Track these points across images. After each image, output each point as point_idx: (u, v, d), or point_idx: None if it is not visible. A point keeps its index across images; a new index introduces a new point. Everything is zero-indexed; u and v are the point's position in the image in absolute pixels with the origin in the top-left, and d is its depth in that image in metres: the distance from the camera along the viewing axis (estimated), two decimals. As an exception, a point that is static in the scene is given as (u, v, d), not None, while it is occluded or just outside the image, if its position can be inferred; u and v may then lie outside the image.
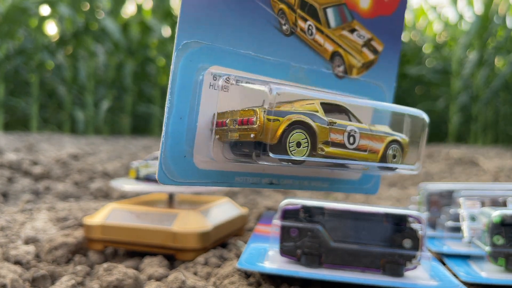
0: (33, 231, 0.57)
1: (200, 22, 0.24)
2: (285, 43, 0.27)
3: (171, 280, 0.36)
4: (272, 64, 0.27)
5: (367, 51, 0.30)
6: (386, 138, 0.27)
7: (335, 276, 0.36)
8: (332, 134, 0.26)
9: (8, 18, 2.84)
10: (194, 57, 0.24)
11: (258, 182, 0.28)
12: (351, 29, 0.29)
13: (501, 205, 0.50)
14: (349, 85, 0.29)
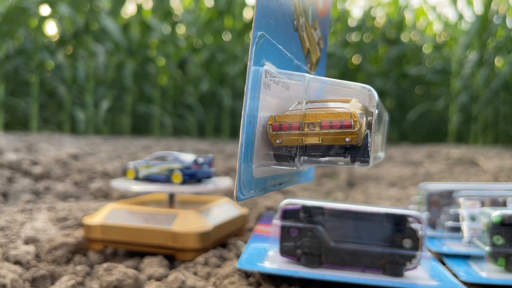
0: (33, 231, 0.57)
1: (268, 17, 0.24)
2: (294, 38, 0.29)
3: (171, 280, 0.36)
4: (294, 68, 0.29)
5: (318, 49, 0.31)
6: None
7: (335, 276, 0.36)
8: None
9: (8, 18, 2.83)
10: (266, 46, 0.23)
11: (282, 182, 0.29)
12: (314, 28, 0.30)
13: (501, 205, 0.50)
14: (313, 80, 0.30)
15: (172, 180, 0.51)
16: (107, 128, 3.32)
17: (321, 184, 1.11)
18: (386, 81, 3.54)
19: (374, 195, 0.95)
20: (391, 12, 3.73)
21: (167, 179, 0.51)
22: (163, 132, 3.48)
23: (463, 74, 3.26)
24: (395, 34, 3.59)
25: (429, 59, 3.67)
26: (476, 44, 3.23)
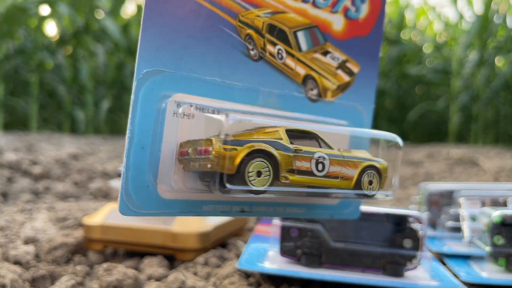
0: (33, 231, 0.56)
1: (161, 50, 0.23)
2: (253, 68, 0.27)
3: (171, 280, 0.36)
4: (241, 90, 0.26)
5: (342, 73, 0.29)
6: (360, 164, 0.27)
7: (335, 276, 0.36)
8: (298, 162, 0.25)
9: (8, 18, 2.83)
10: (156, 85, 0.23)
11: (228, 211, 0.26)
12: (324, 51, 0.29)
13: (502, 205, 0.50)
14: (324, 108, 0.29)
15: None
16: (107, 128, 3.32)
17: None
18: (386, 81, 3.54)
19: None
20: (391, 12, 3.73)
21: None
22: (163, 132, 3.47)
23: (463, 74, 3.26)
24: (395, 34, 3.59)
25: (430, 59, 3.67)
26: (476, 44, 3.23)
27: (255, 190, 0.23)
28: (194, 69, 0.24)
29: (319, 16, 0.29)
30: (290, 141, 0.25)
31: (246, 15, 0.26)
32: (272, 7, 0.27)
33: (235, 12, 0.26)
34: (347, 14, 0.29)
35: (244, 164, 0.23)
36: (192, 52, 0.24)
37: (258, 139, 0.24)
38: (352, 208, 0.31)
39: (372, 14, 0.29)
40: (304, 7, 0.28)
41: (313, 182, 0.25)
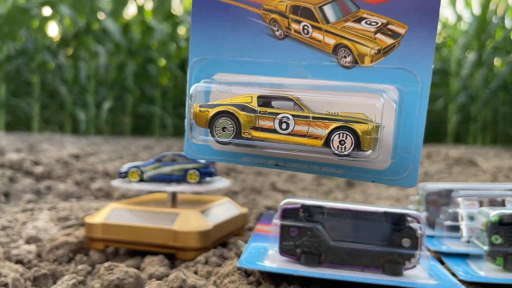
0: (35, 230, 0.57)
1: (205, 43, 0.30)
2: (280, 46, 0.30)
3: (172, 279, 0.37)
4: (270, 65, 0.30)
5: (382, 36, 0.28)
6: (331, 124, 0.28)
7: (334, 275, 0.37)
8: (261, 121, 0.29)
9: (9, 19, 2.84)
10: (203, 68, 0.31)
11: (264, 163, 0.31)
12: (357, 18, 0.29)
13: (500, 205, 0.50)
14: (361, 73, 0.29)
15: (188, 179, 0.51)
16: (108, 128, 3.32)
17: (320, 184, 1.12)
18: (386, 82, 3.54)
19: (373, 195, 0.96)
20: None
21: (181, 178, 0.51)
22: (164, 133, 3.48)
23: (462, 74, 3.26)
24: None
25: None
26: (474, 44, 3.23)
27: (220, 141, 0.30)
28: (229, 54, 0.30)
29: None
30: (259, 104, 0.29)
31: (269, 3, 0.29)
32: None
33: (259, 3, 0.30)
34: None
35: (212, 122, 0.30)
36: (227, 41, 0.30)
37: (229, 103, 0.30)
38: (406, 175, 0.30)
39: None
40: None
41: (277, 138, 0.29)
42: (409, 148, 0.29)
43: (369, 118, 0.28)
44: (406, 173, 0.30)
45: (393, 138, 0.28)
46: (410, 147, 0.29)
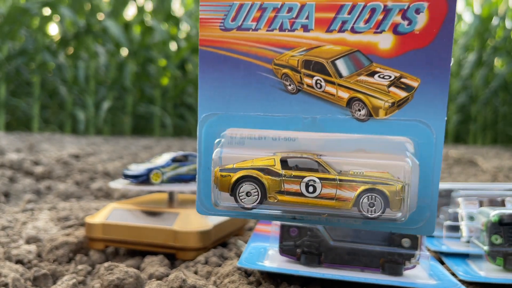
0: (35, 230, 0.57)
1: (214, 99, 0.30)
2: (293, 100, 0.30)
3: (172, 279, 0.37)
4: (282, 119, 0.30)
5: (396, 90, 0.29)
6: (359, 187, 0.28)
7: (334, 275, 0.37)
8: (287, 185, 0.29)
9: (10, 19, 2.84)
10: (213, 124, 0.31)
11: (281, 217, 0.31)
12: (371, 72, 0.29)
13: (500, 205, 0.50)
14: (376, 126, 0.29)
15: None
16: (108, 128, 3.32)
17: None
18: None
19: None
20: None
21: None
22: (164, 133, 3.48)
23: (462, 74, 3.27)
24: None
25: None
26: (475, 44, 3.23)
27: (245, 207, 0.29)
28: (240, 108, 0.30)
29: (361, 40, 0.29)
30: (283, 166, 0.29)
31: (280, 58, 0.29)
32: (305, 45, 0.29)
33: (270, 58, 0.30)
34: (396, 30, 0.28)
35: (236, 187, 0.29)
36: (237, 96, 0.30)
37: (251, 166, 0.29)
38: (424, 223, 0.29)
39: (433, 22, 0.27)
40: (342, 36, 0.29)
41: (304, 202, 0.29)
42: (426, 198, 0.29)
43: (395, 178, 0.28)
44: (423, 222, 0.30)
45: (417, 195, 0.28)
46: (427, 197, 0.29)
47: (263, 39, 0.29)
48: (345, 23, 0.28)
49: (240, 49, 0.30)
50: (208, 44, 0.30)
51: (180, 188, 0.51)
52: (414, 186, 0.28)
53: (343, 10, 0.28)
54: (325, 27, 0.29)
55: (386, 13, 0.28)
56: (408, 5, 0.27)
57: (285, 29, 0.29)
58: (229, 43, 0.30)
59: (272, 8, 0.29)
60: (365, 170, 0.28)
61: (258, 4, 0.29)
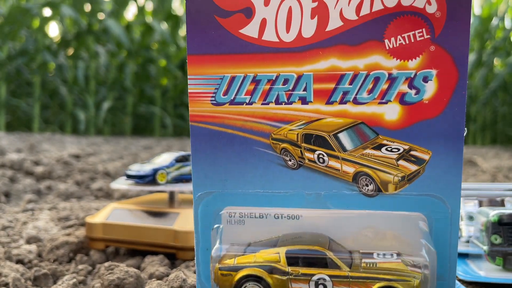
0: (35, 230, 0.57)
1: (209, 177, 0.28)
2: (294, 176, 0.28)
3: (172, 279, 0.37)
4: (284, 197, 0.28)
5: (405, 163, 0.27)
6: (373, 284, 0.25)
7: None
8: (294, 284, 0.26)
9: (10, 19, 2.84)
10: (209, 203, 0.29)
11: None
12: (377, 145, 0.27)
13: (499, 205, 0.50)
14: (386, 202, 0.27)
15: None
16: (108, 128, 3.33)
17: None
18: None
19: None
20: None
21: None
22: (164, 133, 3.49)
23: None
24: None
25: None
26: (474, 45, 3.23)
27: None
28: (237, 186, 0.28)
29: (365, 111, 0.27)
30: (289, 262, 0.26)
31: (278, 132, 0.28)
32: (304, 118, 0.27)
33: (267, 132, 0.28)
34: (403, 100, 0.26)
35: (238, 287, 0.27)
36: (234, 173, 0.28)
37: (254, 263, 0.26)
38: None
39: (443, 90, 0.25)
40: (343, 108, 0.27)
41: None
42: (444, 276, 0.27)
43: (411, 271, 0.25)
44: None
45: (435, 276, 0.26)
46: (445, 274, 0.27)
47: (259, 113, 0.28)
48: (347, 93, 0.27)
49: (234, 124, 0.28)
50: (200, 120, 0.28)
51: (180, 188, 0.51)
52: (432, 274, 0.26)
53: (343, 80, 0.26)
54: (325, 98, 0.27)
55: (391, 82, 0.26)
56: (415, 73, 0.25)
57: (281, 102, 0.27)
58: (222, 118, 0.28)
59: (267, 80, 0.27)
60: (378, 261, 0.26)
61: (252, 76, 0.27)
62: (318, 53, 0.26)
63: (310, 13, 0.26)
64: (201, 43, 0.27)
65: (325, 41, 0.26)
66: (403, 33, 0.25)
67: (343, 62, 0.26)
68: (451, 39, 0.25)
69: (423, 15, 0.25)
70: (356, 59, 0.26)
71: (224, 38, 0.27)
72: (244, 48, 0.27)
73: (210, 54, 0.28)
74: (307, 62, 0.27)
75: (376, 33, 0.25)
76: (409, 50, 0.25)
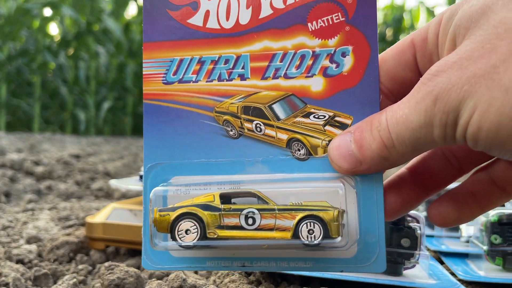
0: (35, 230, 0.57)
1: (159, 149, 0.31)
2: (235, 145, 0.31)
3: (172, 278, 0.37)
4: (227, 164, 0.31)
5: (331, 128, 0.30)
6: (297, 215, 0.28)
7: (334, 274, 0.37)
8: (226, 219, 0.29)
9: (11, 20, 2.85)
10: (158, 174, 0.31)
11: (230, 265, 0.31)
12: (306, 113, 0.31)
13: (499, 205, 0.50)
14: (316, 164, 0.30)
15: None
16: (108, 128, 3.33)
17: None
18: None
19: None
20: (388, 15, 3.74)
21: None
22: (164, 133, 3.49)
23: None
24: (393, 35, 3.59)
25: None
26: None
27: (184, 245, 0.29)
28: (185, 156, 0.31)
29: (294, 84, 0.31)
30: (222, 201, 0.29)
31: (220, 105, 0.31)
32: (243, 92, 0.31)
33: (211, 106, 0.31)
34: (326, 73, 0.30)
35: (174, 225, 0.29)
36: (181, 144, 0.31)
37: (191, 204, 0.29)
38: (374, 261, 0.29)
39: (359, 63, 0.29)
40: (276, 82, 0.31)
41: (244, 235, 0.29)
42: (372, 234, 0.29)
43: (332, 205, 0.29)
44: (374, 258, 0.29)
45: (357, 223, 0.29)
46: (374, 231, 0.29)
47: (204, 89, 0.31)
48: (278, 70, 0.31)
49: (182, 100, 0.32)
50: (152, 98, 0.32)
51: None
52: (352, 213, 0.29)
53: (275, 58, 0.31)
54: (260, 75, 0.31)
55: (315, 59, 0.30)
56: (334, 50, 0.30)
57: (223, 79, 0.31)
58: (171, 95, 0.32)
59: (210, 61, 0.31)
60: (303, 200, 0.29)
61: (197, 58, 0.31)
62: (253, 37, 0.31)
63: (246, 4, 0.31)
64: (154, 32, 0.31)
65: (258, 26, 0.31)
66: (323, 17, 0.30)
67: (274, 43, 0.31)
68: (362, 20, 0.30)
69: (338, 2, 0.30)
70: (285, 40, 0.31)
71: (174, 28, 0.31)
72: (191, 35, 0.31)
73: (162, 41, 0.31)
74: (244, 44, 0.31)
75: (301, 18, 0.30)
76: (328, 31, 0.30)
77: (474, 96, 0.22)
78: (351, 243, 0.29)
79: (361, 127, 0.27)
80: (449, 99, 0.22)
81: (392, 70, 0.29)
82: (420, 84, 0.24)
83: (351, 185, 0.29)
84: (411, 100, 0.24)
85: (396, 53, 0.29)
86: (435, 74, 0.23)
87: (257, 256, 0.30)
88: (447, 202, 0.29)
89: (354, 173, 0.28)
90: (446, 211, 0.29)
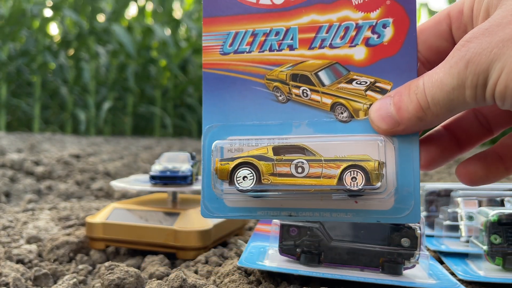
0: (35, 230, 0.57)
1: (215, 112, 0.35)
2: (284, 109, 0.34)
3: (172, 278, 0.37)
4: (276, 126, 0.34)
5: (372, 93, 0.33)
6: (342, 164, 0.32)
7: (334, 274, 0.37)
8: (279, 167, 0.33)
9: (11, 20, 2.85)
10: (215, 134, 0.35)
11: (278, 215, 0.34)
12: (349, 80, 0.33)
13: (499, 205, 0.50)
14: (358, 126, 0.33)
15: None
16: (108, 128, 3.33)
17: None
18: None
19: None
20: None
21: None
22: (164, 133, 3.49)
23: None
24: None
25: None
26: None
27: (241, 189, 0.32)
28: (238, 119, 0.35)
29: (338, 53, 0.33)
30: (275, 153, 0.33)
31: (271, 73, 0.35)
32: (292, 61, 0.34)
33: (262, 74, 0.35)
34: (368, 43, 0.33)
35: (233, 173, 0.33)
36: (235, 108, 0.35)
37: (247, 155, 0.33)
38: (409, 212, 0.32)
39: (398, 34, 0.32)
40: (322, 52, 0.34)
41: (294, 182, 0.32)
42: (408, 186, 0.32)
43: (373, 158, 0.32)
44: (409, 211, 0.32)
45: (395, 175, 0.32)
46: (409, 185, 0.32)
47: (256, 59, 0.35)
48: (324, 40, 0.34)
49: (236, 69, 0.35)
50: (210, 67, 0.35)
51: (181, 189, 0.51)
52: (391, 166, 0.32)
53: (321, 30, 0.33)
54: (307, 45, 0.34)
55: (358, 30, 0.33)
56: (376, 22, 0.32)
57: (274, 50, 0.34)
58: (227, 64, 0.35)
59: (262, 33, 0.34)
60: (347, 154, 0.32)
61: (251, 31, 0.34)
62: (301, 11, 0.34)
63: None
64: (213, 8, 0.35)
65: (306, 1, 0.34)
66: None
67: (320, 17, 0.34)
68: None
69: None
70: (330, 14, 0.33)
71: (230, 4, 0.35)
72: (245, 10, 0.34)
73: (219, 16, 0.35)
74: (293, 18, 0.34)
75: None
76: (371, 5, 0.32)
77: (502, 58, 0.23)
78: (389, 191, 0.31)
79: (400, 91, 0.29)
80: (480, 62, 0.24)
81: (429, 40, 0.32)
82: (454, 50, 0.26)
83: (390, 142, 0.32)
84: (445, 65, 0.26)
85: (433, 24, 0.32)
86: (468, 41, 0.25)
87: (303, 207, 0.33)
88: (476, 162, 0.32)
89: (393, 133, 0.30)
90: (474, 170, 0.32)
